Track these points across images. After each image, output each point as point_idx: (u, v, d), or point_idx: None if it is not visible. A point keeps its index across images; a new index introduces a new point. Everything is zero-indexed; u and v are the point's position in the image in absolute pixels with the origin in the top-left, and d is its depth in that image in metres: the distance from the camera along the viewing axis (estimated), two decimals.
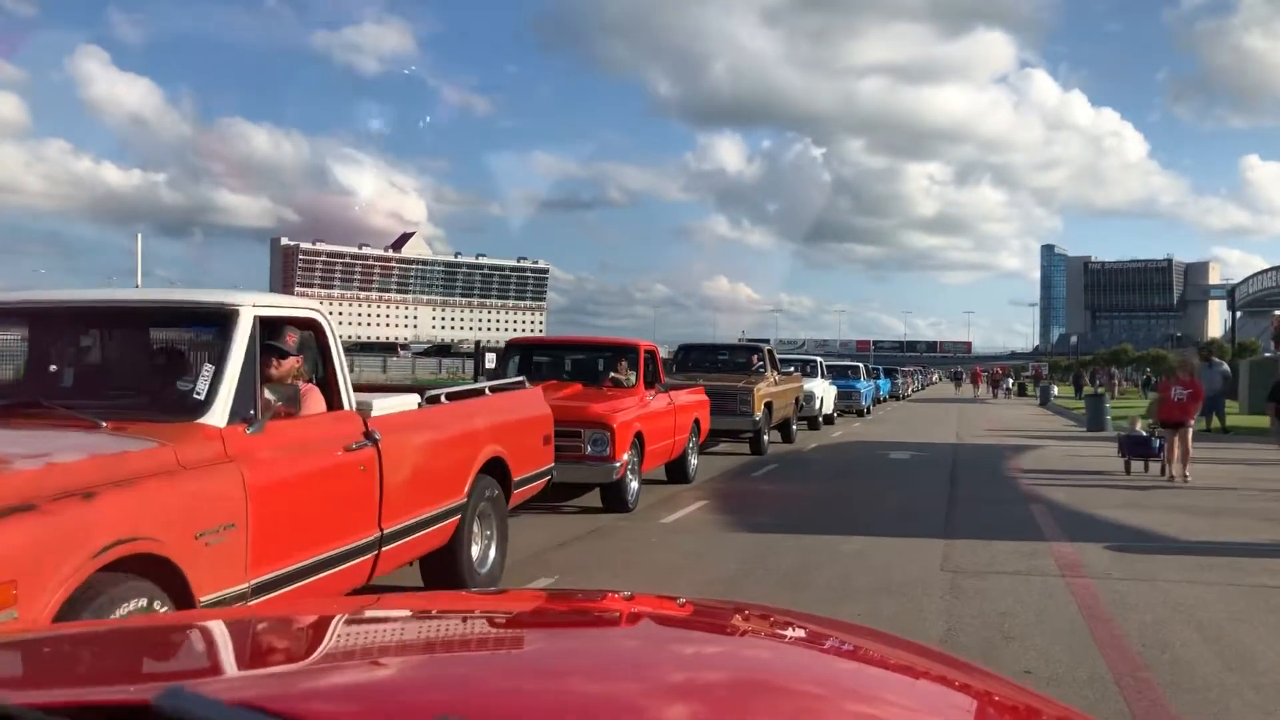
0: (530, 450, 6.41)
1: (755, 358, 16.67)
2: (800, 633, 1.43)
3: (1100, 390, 35.45)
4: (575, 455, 8.34)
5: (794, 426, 18.30)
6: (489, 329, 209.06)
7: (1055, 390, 48.41)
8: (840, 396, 27.63)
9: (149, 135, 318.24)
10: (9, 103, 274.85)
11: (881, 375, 43.01)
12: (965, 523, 9.38)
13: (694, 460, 11.57)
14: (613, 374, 9.91)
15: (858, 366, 31.15)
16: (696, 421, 11.53)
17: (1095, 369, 59.42)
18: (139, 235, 23.14)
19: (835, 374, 30.20)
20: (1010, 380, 60.31)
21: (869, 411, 30.79)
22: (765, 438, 15.56)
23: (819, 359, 24.54)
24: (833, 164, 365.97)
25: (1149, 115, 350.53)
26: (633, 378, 9.79)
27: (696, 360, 17.10)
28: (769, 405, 15.63)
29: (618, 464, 8.42)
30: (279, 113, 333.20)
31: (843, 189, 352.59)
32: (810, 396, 22.25)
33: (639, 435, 9.02)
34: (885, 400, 42.69)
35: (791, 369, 19.42)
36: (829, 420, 24.75)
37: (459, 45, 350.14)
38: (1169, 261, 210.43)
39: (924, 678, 1.25)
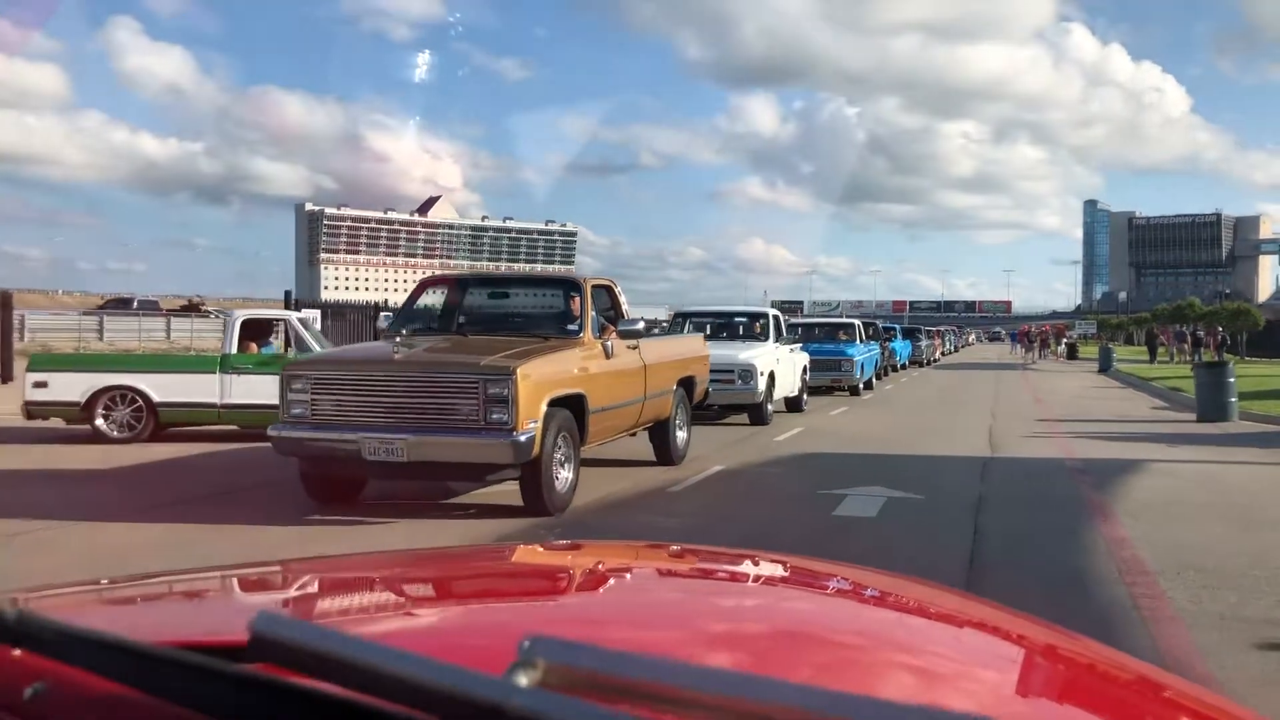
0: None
1: (574, 301, 8.09)
2: (843, 583, 1.40)
3: (1207, 354, 26.57)
4: None
5: (682, 432, 9.77)
6: None
7: (1114, 353, 39.41)
8: (820, 368, 19.04)
9: (184, 105, 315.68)
10: (47, 74, 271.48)
11: (898, 336, 34.06)
12: None
13: None
14: None
15: (851, 325, 22.25)
16: None
17: (1162, 327, 50.26)
18: None
19: (816, 334, 21.59)
20: (1063, 342, 50.94)
21: (870, 387, 22.09)
22: (566, 474, 7.05)
23: (772, 313, 15.83)
24: (867, 123, 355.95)
25: (1190, 69, 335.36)
26: None
27: (467, 315, 8.52)
28: (574, 402, 7.14)
29: None
30: (312, 81, 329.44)
31: (878, 149, 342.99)
32: (747, 373, 13.72)
33: None
34: (905, 368, 33.92)
35: (638, 322, 9.98)
36: (795, 406, 16.20)
37: (489, 8, 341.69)
38: (1218, 216, 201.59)
39: (970, 626, 1.22)
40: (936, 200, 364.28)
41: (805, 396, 16.78)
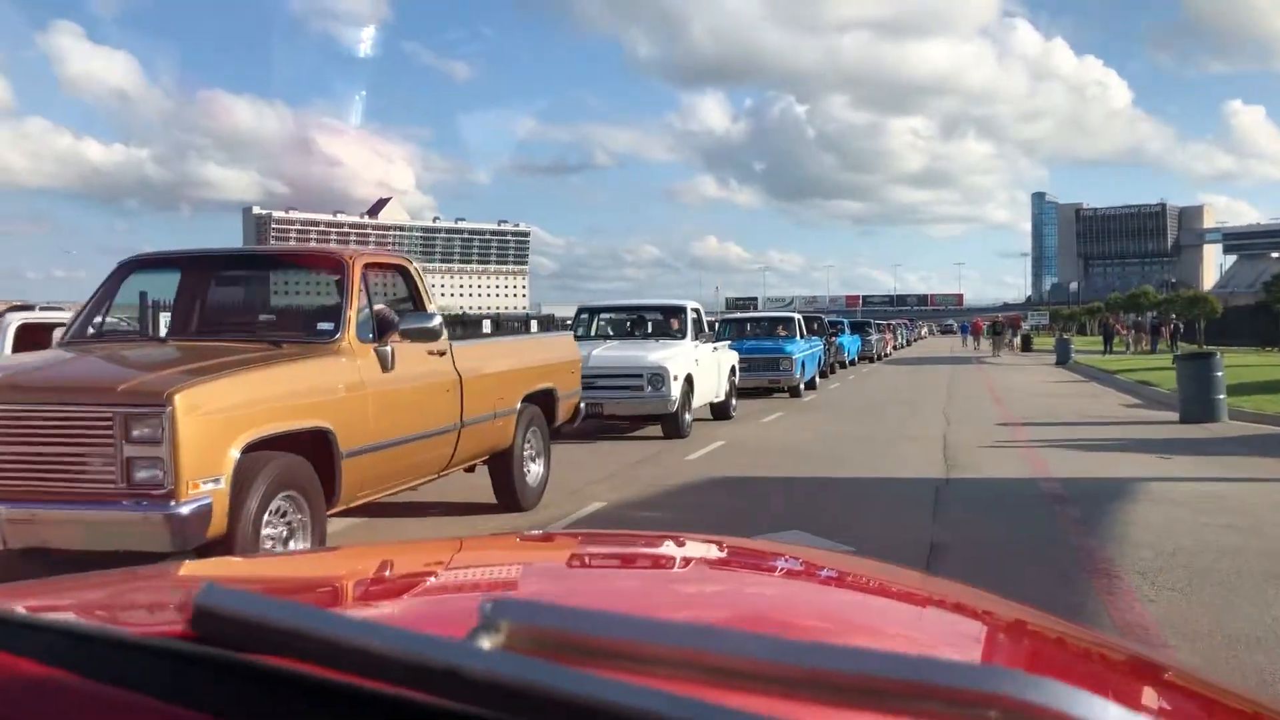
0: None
1: (355, 289, 5.54)
2: (803, 565, 1.37)
3: (1162, 344, 24.66)
4: None
5: (535, 465, 7.34)
6: (471, 294, 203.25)
7: (1072, 344, 37.56)
8: (755, 368, 16.83)
9: (130, 110, 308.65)
10: None
11: (846, 330, 31.91)
12: None
13: None
14: None
15: (790, 319, 19.96)
16: None
17: (1116, 316, 48.79)
18: None
19: (752, 331, 19.35)
20: (1018, 333, 49.06)
21: (812, 387, 19.82)
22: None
23: (690, 306, 13.43)
24: (817, 121, 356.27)
25: (1131, 63, 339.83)
26: None
27: (188, 313, 5.87)
28: (311, 441, 4.69)
29: None
30: (261, 85, 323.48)
31: (828, 146, 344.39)
32: (658, 378, 11.38)
33: None
34: (854, 363, 31.81)
35: (433, 317, 5.96)
36: (722, 413, 13.89)
37: (437, 9, 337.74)
38: (1162, 206, 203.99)
39: (932, 605, 1.21)
40: (887, 195, 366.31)
41: (734, 401, 14.47)
